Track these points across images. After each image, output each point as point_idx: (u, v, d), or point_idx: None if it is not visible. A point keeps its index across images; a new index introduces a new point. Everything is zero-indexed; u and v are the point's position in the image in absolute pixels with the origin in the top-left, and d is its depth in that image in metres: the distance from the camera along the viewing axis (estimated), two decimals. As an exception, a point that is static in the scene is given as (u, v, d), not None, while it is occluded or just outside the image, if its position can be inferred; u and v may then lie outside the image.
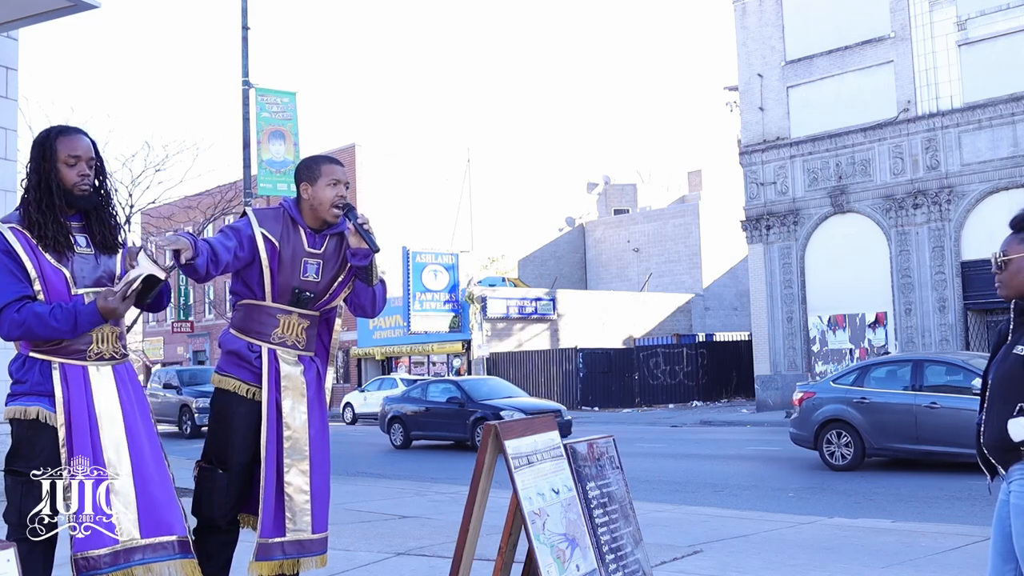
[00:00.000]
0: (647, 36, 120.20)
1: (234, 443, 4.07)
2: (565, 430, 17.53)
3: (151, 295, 3.48)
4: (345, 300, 4.36)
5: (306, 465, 4.09)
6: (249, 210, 4.19)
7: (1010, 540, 3.17)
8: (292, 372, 4.13)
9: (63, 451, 3.37)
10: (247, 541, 4.40)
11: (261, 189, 18.55)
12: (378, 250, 4.12)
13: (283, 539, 4.02)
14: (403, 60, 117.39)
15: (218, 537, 4.09)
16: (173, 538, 3.53)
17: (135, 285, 3.39)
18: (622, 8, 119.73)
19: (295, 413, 4.09)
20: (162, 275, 3.42)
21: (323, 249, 4.19)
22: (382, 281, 4.34)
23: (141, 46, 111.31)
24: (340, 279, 4.23)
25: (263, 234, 4.07)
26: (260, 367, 4.08)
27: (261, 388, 4.07)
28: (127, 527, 3.40)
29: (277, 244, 4.09)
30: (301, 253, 4.13)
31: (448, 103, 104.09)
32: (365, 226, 4.06)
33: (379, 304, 4.36)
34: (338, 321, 4.50)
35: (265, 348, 4.10)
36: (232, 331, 4.18)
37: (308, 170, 4.19)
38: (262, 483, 4.02)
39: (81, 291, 3.48)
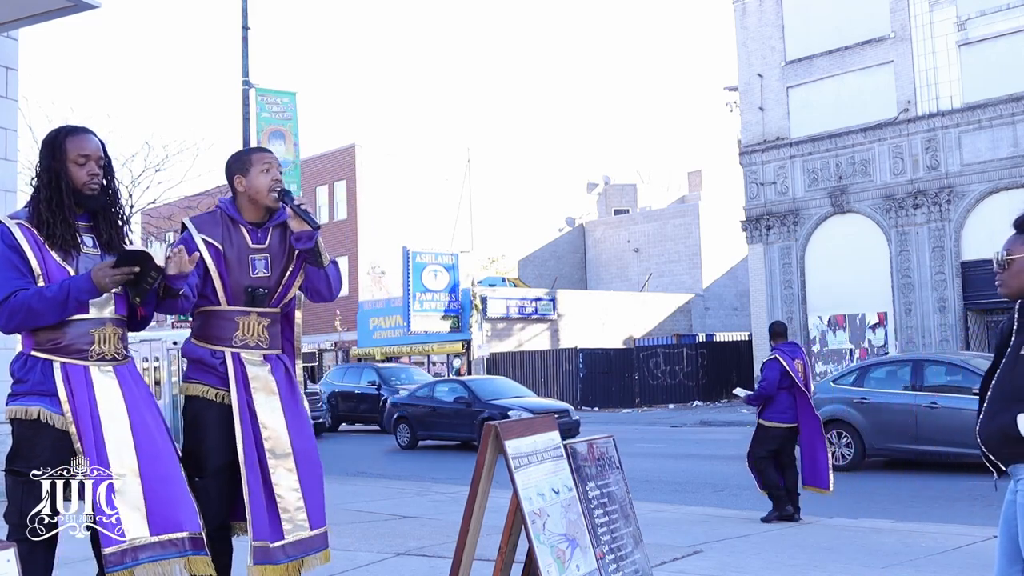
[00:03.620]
0: (647, 36, 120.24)
1: (208, 447, 3.99)
2: (573, 430, 17.45)
3: (144, 282, 3.45)
4: (301, 288, 4.30)
5: (291, 463, 4.03)
6: (186, 220, 4.11)
7: (1016, 541, 3.16)
8: (259, 373, 4.07)
9: (77, 448, 3.36)
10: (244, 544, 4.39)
11: (261, 189, 18.52)
12: (318, 227, 4.08)
13: (283, 542, 3.94)
14: (403, 60, 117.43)
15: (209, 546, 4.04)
16: (184, 535, 3.50)
17: (127, 259, 3.39)
18: (622, 8, 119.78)
19: (269, 413, 4.03)
20: (159, 261, 3.43)
21: (267, 243, 4.14)
22: (333, 262, 4.28)
23: (141, 46, 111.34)
24: (291, 270, 4.18)
25: (204, 240, 4.01)
26: (225, 372, 4.02)
27: (227, 391, 4.01)
28: (135, 526, 3.39)
29: (220, 246, 4.03)
30: (246, 251, 4.08)
31: (448, 103, 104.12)
32: (302, 206, 4.05)
33: (335, 285, 4.30)
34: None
35: (228, 352, 4.04)
36: (193, 340, 4.12)
37: (239, 162, 4.15)
38: (244, 486, 3.92)
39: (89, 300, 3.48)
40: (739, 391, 9.61)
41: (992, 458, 3.22)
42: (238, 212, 4.12)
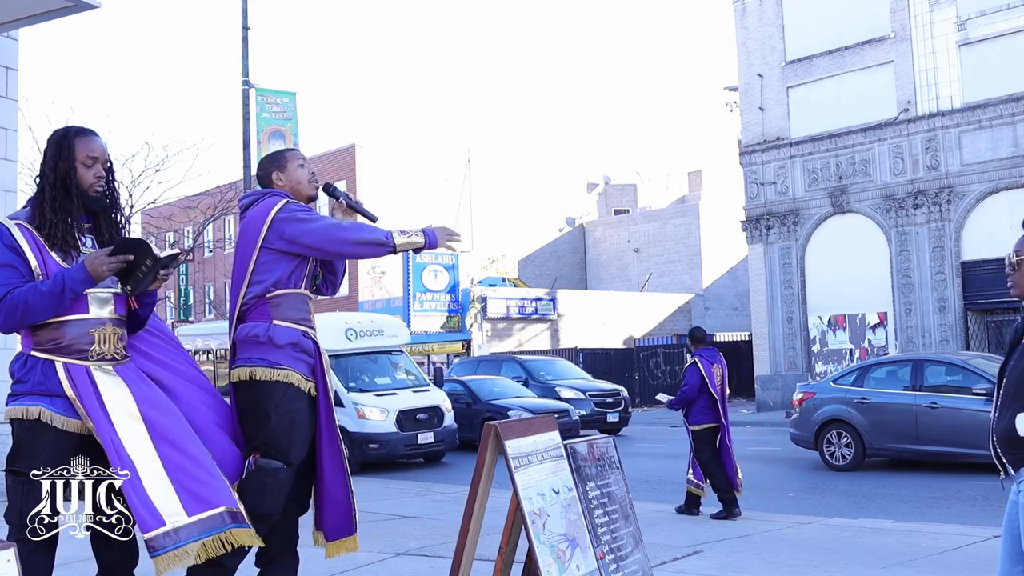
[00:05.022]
0: (647, 36, 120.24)
1: (299, 438, 4.07)
2: (574, 430, 17.35)
3: (138, 271, 3.45)
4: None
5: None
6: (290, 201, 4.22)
7: (1019, 542, 3.16)
8: (326, 355, 4.28)
9: (99, 442, 3.39)
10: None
11: (261, 189, 18.53)
12: (376, 219, 4.32)
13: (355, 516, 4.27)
14: (403, 60, 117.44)
15: (264, 531, 4.05)
16: (221, 510, 3.50)
17: (123, 247, 3.41)
18: (622, 9, 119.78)
19: (330, 394, 4.25)
20: (156, 252, 3.44)
21: None
22: None
23: (141, 46, 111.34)
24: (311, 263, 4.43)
25: None
26: (315, 356, 4.16)
27: (314, 381, 4.15)
28: (171, 509, 3.39)
29: None
30: None
31: (448, 103, 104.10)
32: (354, 199, 4.32)
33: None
34: None
35: (312, 334, 4.20)
36: (280, 323, 4.11)
37: (274, 161, 4.36)
38: (325, 472, 4.15)
39: (85, 291, 3.47)
40: (661, 396, 10.11)
41: (1003, 458, 3.22)
42: None
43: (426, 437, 15.38)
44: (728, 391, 9.63)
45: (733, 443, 9.34)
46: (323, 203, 4.58)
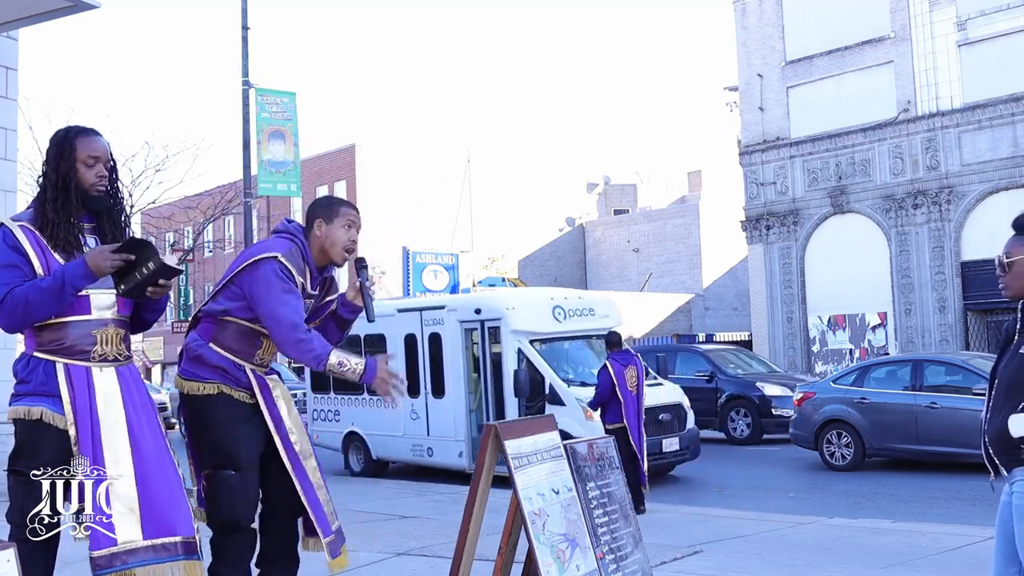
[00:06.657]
0: (647, 36, 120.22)
1: (239, 439, 4.02)
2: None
3: (137, 271, 3.45)
4: None
5: (314, 462, 4.14)
6: (281, 256, 4.01)
7: (1013, 543, 3.16)
8: (272, 381, 4.15)
9: (75, 449, 3.36)
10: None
11: (261, 189, 18.59)
12: (373, 320, 4.18)
13: (332, 538, 4.10)
14: (403, 60, 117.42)
15: (246, 539, 4.06)
16: (177, 539, 3.49)
17: (128, 245, 3.42)
18: (622, 9, 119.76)
19: (291, 416, 4.11)
20: (160, 257, 3.45)
21: (317, 291, 4.25)
22: None
23: (141, 46, 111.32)
24: (310, 310, 4.25)
25: (299, 281, 4.07)
26: (246, 382, 4.07)
27: (247, 392, 4.06)
28: (128, 529, 3.38)
29: (299, 287, 4.05)
30: (304, 296, 4.13)
31: (448, 103, 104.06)
32: (371, 290, 4.16)
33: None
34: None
35: (248, 368, 4.08)
36: (214, 346, 4.08)
37: (326, 208, 4.17)
38: (299, 487, 4.01)
39: (87, 291, 3.47)
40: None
41: (995, 459, 3.22)
42: (309, 253, 4.14)
43: (671, 444, 12.26)
44: (644, 391, 9.86)
45: (644, 442, 9.57)
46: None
